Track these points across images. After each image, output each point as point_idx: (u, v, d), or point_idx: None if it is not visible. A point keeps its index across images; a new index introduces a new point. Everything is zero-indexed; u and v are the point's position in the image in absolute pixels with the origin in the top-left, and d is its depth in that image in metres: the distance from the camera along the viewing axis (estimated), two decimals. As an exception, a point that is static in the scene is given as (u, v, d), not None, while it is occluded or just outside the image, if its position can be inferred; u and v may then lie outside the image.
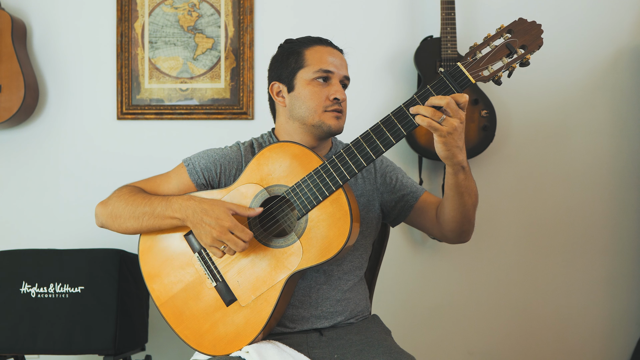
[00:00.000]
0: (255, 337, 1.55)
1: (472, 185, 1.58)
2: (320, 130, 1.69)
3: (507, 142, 2.73)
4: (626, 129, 2.74)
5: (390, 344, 1.64)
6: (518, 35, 1.48)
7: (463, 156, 1.48)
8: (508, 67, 1.48)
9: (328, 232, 1.52)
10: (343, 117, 1.72)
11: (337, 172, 1.52)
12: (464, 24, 2.72)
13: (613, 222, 2.74)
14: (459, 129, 1.43)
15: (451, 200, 1.59)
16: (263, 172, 1.59)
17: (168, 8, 2.74)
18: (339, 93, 1.68)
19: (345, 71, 1.74)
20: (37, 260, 2.29)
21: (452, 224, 1.65)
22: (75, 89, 2.75)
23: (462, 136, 1.46)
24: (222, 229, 1.51)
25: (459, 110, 1.43)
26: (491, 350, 2.74)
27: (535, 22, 1.49)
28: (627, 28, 2.73)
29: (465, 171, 1.53)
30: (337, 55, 1.73)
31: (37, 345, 2.22)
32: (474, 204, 1.62)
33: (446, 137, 1.43)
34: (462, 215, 1.61)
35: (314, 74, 1.68)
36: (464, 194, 1.56)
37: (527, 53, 1.48)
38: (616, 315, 2.74)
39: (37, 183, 2.75)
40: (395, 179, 1.78)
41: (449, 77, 1.46)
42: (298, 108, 1.70)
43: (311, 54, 1.71)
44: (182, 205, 1.57)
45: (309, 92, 1.68)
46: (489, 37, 1.49)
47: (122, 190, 1.70)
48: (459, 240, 1.71)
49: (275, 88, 1.76)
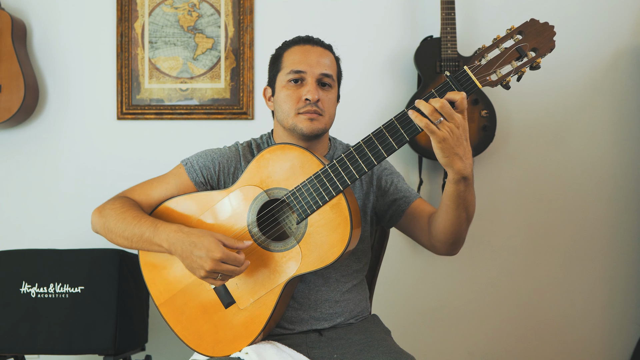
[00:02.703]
0: (253, 340, 1.55)
1: (470, 198, 1.51)
2: (295, 133, 1.66)
3: (507, 142, 2.73)
4: (626, 128, 2.74)
5: (390, 344, 1.64)
6: (529, 37, 1.41)
7: (464, 165, 1.41)
8: (517, 72, 1.41)
9: (328, 237, 1.51)
10: (323, 119, 1.66)
11: (337, 176, 1.50)
12: (464, 24, 2.71)
13: (613, 222, 2.74)
14: (455, 134, 1.37)
15: (446, 211, 1.53)
16: (263, 174, 1.57)
17: (168, 8, 2.74)
18: (310, 93, 1.63)
19: (324, 68, 1.66)
20: (37, 260, 2.29)
21: (442, 236, 1.59)
22: (75, 89, 2.76)
23: (462, 143, 1.39)
24: (215, 262, 1.45)
25: (454, 114, 1.37)
26: (491, 351, 2.74)
27: (548, 24, 1.42)
28: (627, 28, 2.73)
29: (467, 182, 1.45)
30: (314, 53, 1.67)
31: (37, 345, 2.22)
32: (469, 219, 1.56)
33: (442, 142, 1.38)
34: (454, 228, 1.55)
35: (286, 75, 1.66)
36: (460, 205, 1.50)
37: (539, 56, 1.41)
38: (616, 315, 2.74)
39: (37, 183, 2.75)
40: (390, 183, 1.74)
41: (454, 81, 1.41)
42: (278, 112, 1.69)
43: (287, 56, 1.68)
44: (170, 237, 1.52)
45: (284, 96, 1.67)
46: (498, 39, 1.42)
47: (116, 203, 1.64)
48: (447, 252, 1.65)
49: (267, 93, 1.76)
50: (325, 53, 1.70)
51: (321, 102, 1.65)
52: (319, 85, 1.66)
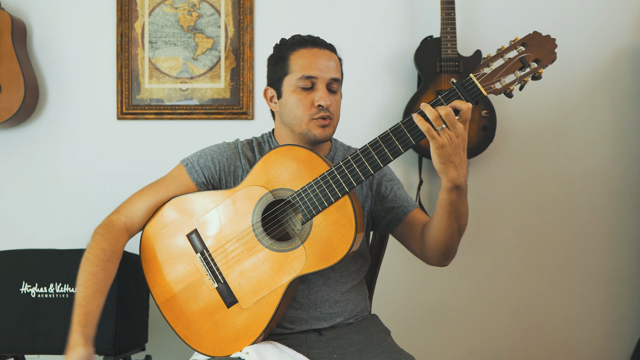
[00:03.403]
0: (255, 339, 1.55)
1: (463, 209, 1.53)
2: (307, 138, 1.67)
3: (507, 142, 2.73)
4: (626, 128, 2.74)
5: (390, 344, 1.64)
6: (532, 49, 1.48)
7: (457, 174, 1.45)
8: (520, 81, 1.48)
9: (332, 238, 1.52)
10: (333, 122, 1.68)
11: (343, 178, 1.51)
12: (464, 24, 2.71)
13: (613, 222, 2.74)
14: (454, 142, 1.41)
15: (438, 219, 1.55)
16: (269, 174, 1.58)
17: (168, 8, 2.74)
18: (323, 99, 1.63)
19: (333, 73, 1.68)
20: (37, 260, 2.28)
21: (433, 245, 1.61)
22: (75, 89, 2.75)
23: (459, 152, 1.43)
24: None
25: (457, 124, 1.41)
26: (491, 351, 2.74)
27: (550, 37, 1.49)
28: (627, 28, 2.73)
29: (460, 191, 1.48)
30: (323, 56, 1.68)
31: (37, 345, 2.22)
32: (460, 230, 1.57)
33: (440, 148, 1.41)
34: (445, 238, 1.57)
35: (297, 81, 1.65)
36: (452, 214, 1.52)
37: (541, 67, 1.48)
38: (616, 315, 2.74)
39: (37, 183, 2.75)
40: (389, 189, 1.75)
41: (460, 88, 1.46)
42: (286, 116, 1.69)
43: (295, 59, 1.67)
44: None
45: (295, 100, 1.66)
46: (502, 50, 1.48)
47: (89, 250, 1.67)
48: (438, 263, 1.67)
49: (268, 94, 1.75)
50: (332, 56, 1.70)
51: (331, 106, 1.66)
52: (328, 90, 1.67)
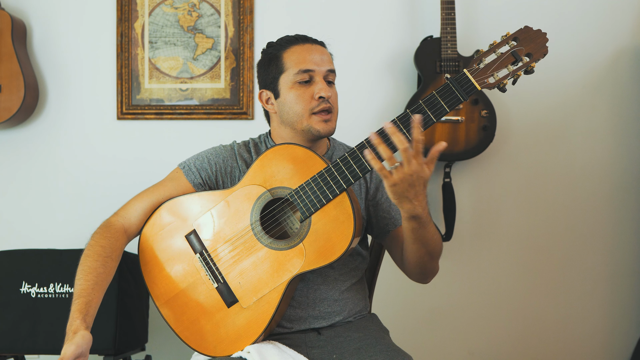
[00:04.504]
0: (256, 339, 1.55)
1: (428, 236, 1.50)
2: (310, 134, 1.67)
3: (507, 142, 2.73)
4: (626, 128, 2.74)
5: (388, 342, 1.64)
6: (523, 43, 1.49)
7: (412, 206, 1.40)
8: (513, 75, 1.50)
9: (331, 235, 1.52)
10: (333, 116, 1.68)
11: (341, 175, 1.52)
12: (464, 24, 2.71)
13: (613, 222, 2.74)
14: (407, 181, 1.36)
15: (406, 244, 1.56)
16: (267, 173, 1.58)
17: (168, 8, 2.74)
18: (324, 90, 1.64)
19: (328, 65, 1.68)
20: (37, 260, 2.28)
21: (408, 265, 1.63)
22: (75, 89, 2.75)
23: (414, 187, 1.37)
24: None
25: (412, 161, 1.35)
26: (491, 351, 2.74)
27: (541, 31, 1.50)
28: (627, 28, 2.73)
29: (420, 221, 1.45)
30: (316, 51, 1.68)
31: (37, 345, 2.22)
32: (431, 254, 1.56)
33: (393, 186, 1.38)
34: (416, 261, 1.58)
35: (294, 76, 1.65)
36: (417, 241, 1.51)
37: (532, 61, 1.50)
38: (616, 315, 2.74)
39: (37, 183, 2.75)
40: (384, 198, 1.73)
41: (454, 84, 1.47)
42: (286, 114, 1.68)
43: (289, 56, 1.67)
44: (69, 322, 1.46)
45: (294, 96, 1.66)
46: (494, 45, 1.50)
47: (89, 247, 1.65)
48: (418, 280, 1.69)
49: (263, 96, 1.74)
50: (324, 50, 1.72)
51: (331, 97, 1.67)
52: (325, 82, 1.67)
